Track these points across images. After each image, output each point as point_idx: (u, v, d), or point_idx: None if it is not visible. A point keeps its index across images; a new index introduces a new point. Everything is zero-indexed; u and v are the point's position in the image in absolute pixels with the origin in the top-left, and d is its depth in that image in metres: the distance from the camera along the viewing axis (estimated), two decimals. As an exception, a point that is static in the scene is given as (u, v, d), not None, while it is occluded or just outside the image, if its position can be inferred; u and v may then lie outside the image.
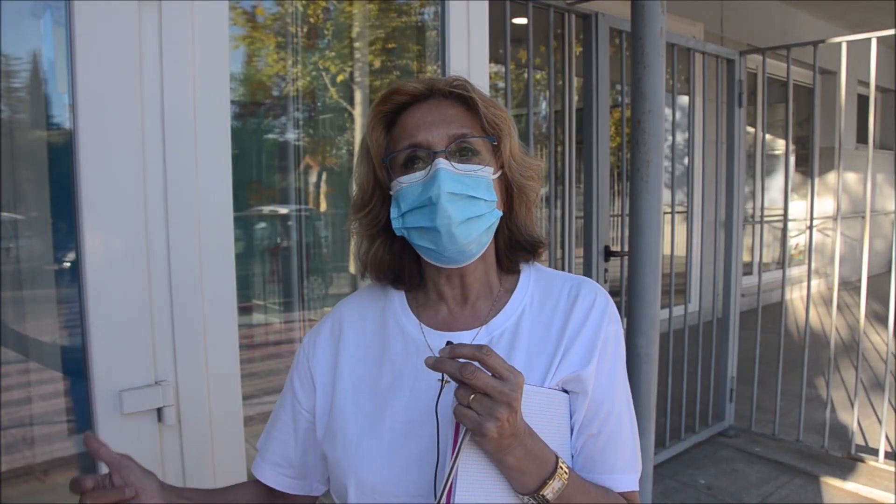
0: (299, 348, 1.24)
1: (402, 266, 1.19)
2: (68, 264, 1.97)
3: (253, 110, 3.57)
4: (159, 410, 1.68)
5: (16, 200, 2.01)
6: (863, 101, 9.73)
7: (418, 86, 1.11)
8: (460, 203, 1.02)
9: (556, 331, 1.10)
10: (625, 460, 1.10)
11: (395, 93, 1.11)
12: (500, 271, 1.19)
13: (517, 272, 1.20)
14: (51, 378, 2.06)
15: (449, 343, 0.89)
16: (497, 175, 1.09)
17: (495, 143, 1.09)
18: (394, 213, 1.09)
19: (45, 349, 2.03)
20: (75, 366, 1.93)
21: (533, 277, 1.19)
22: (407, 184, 1.06)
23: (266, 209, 3.48)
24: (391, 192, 1.10)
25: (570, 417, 1.07)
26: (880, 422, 3.90)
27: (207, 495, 1.17)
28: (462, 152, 1.06)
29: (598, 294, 1.14)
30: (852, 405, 4.04)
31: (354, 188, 1.17)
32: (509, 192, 1.14)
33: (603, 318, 1.11)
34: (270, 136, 3.61)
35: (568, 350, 1.08)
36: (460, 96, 1.10)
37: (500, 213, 1.10)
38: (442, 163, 1.02)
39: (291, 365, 1.24)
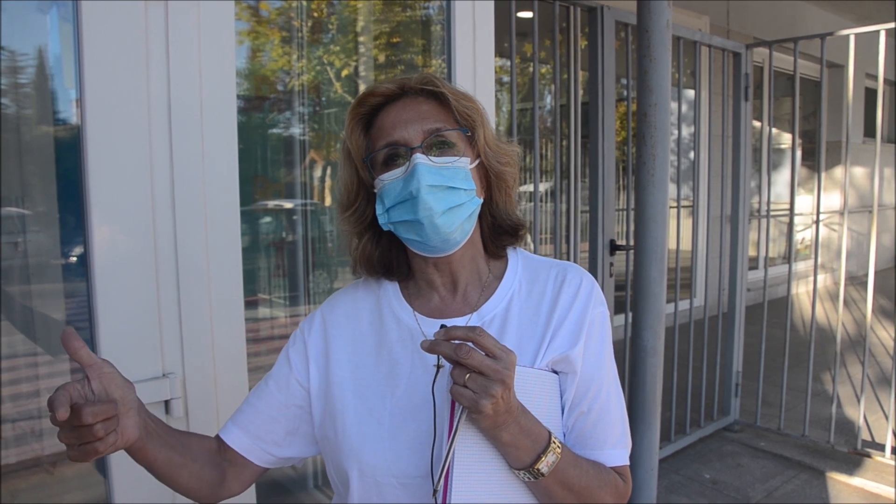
0: (296, 332, 1.27)
1: (391, 260, 1.23)
2: (75, 258, 1.98)
3: (257, 105, 3.57)
4: (167, 403, 1.69)
5: (23, 195, 2.02)
6: (870, 95, 9.68)
7: (391, 86, 1.15)
8: (440, 194, 1.07)
9: (544, 314, 1.15)
10: (615, 437, 1.15)
11: (369, 95, 1.16)
12: (488, 257, 1.24)
13: (504, 257, 1.25)
14: (59, 371, 2.07)
15: (443, 326, 0.93)
16: (474, 164, 1.14)
17: (469, 134, 1.13)
18: (379, 209, 1.13)
19: (52, 343, 2.04)
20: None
21: (521, 264, 1.23)
22: (388, 181, 1.10)
23: (271, 204, 3.48)
24: (375, 190, 1.14)
25: (561, 397, 1.12)
26: (887, 417, 3.90)
27: (167, 427, 1.12)
28: (438, 146, 1.10)
29: (583, 278, 1.19)
30: (858, 400, 4.03)
31: (340, 189, 1.21)
32: (488, 179, 1.18)
33: (589, 301, 1.16)
34: (275, 130, 3.61)
35: (556, 332, 1.12)
36: (432, 92, 1.14)
37: (480, 201, 1.15)
38: (419, 157, 1.07)
39: (284, 347, 1.26)
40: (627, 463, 1.16)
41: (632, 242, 2.91)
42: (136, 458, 1.04)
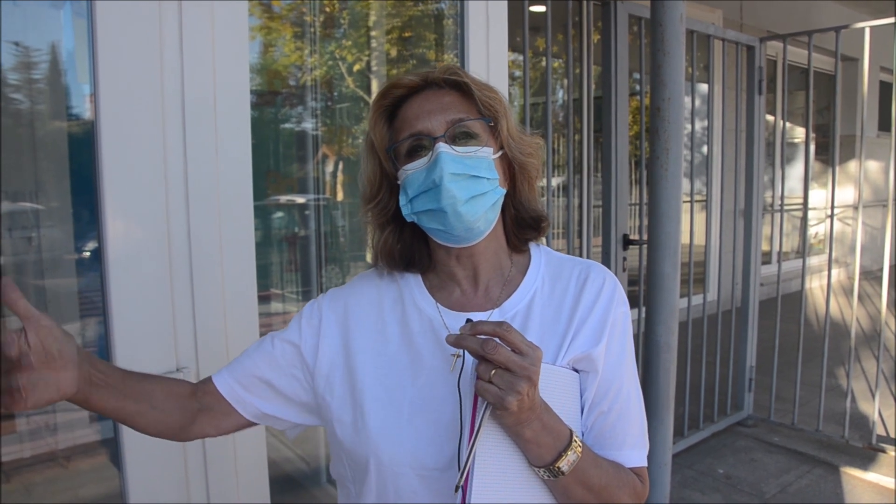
0: (314, 303, 1.26)
1: (413, 253, 1.23)
2: (88, 253, 1.99)
3: (270, 100, 3.57)
4: (180, 397, 1.70)
5: (37, 190, 2.02)
6: (885, 88, 9.60)
7: (414, 78, 1.15)
8: (463, 183, 1.07)
9: (566, 312, 1.14)
10: (634, 437, 1.14)
11: (393, 87, 1.16)
12: (510, 251, 1.24)
13: (526, 252, 1.25)
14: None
15: (469, 321, 0.93)
16: (498, 155, 1.14)
17: (492, 124, 1.14)
18: (402, 200, 1.13)
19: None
20: (97, 353, 1.94)
21: (544, 261, 1.23)
22: (412, 170, 1.10)
23: (283, 198, 3.49)
24: (398, 181, 1.14)
25: (581, 396, 1.12)
26: (901, 412, 3.88)
27: (124, 375, 1.11)
28: (461, 136, 1.10)
29: (606, 277, 1.19)
30: (873, 395, 4.01)
31: (363, 182, 1.21)
32: (511, 170, 1.18)
33: (612, 301, 1.16)
34: (287, 125, 3.61)
35: (578, 330, 1.12)
36: (455, 84, 1.14)
37: (504, 191, 1.15)
38: (442, 146, 1.07)
39: (298, 314, 1.26)
40: (645, 464, 1.16)
41: (645, 237, 2.90)
42: (81, 406, 1.04)
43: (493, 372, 0.90)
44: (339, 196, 3.56)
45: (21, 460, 2.02)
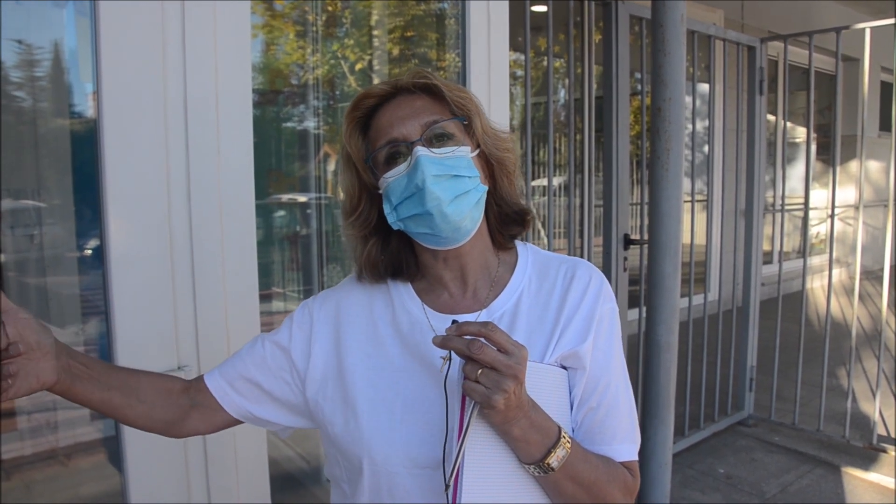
0: (304, 307, 1.27)
1: (400, 261, 1.23)
2: (90, 251, 1.99)
3: (272, 98, 3.57)
4: (182, 396, 1.70)
5: (39, 188, 2.03)
6: (886, 89, 9.59)
7: (384, 87, 1.16)
8: (445, 183, 1.07)
9: (553, 310, 1.15)
10: (624, 431, 1.15)
11: (364, 97, 1.16)
12: (496, 249, 1.24)
13: (512, 249, 1.25)
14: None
15: (454, 322, 0.94)
16: (475, 153, 1.14)
17: (466, 123, 1.14)
18: (387, 209, 1.13)
19: (68, 335, 2.05)
20: (99, 351, 1.95)
21: (531, 260, 1.24)
22: (393, 178, 1.10)
23: (285, 197, 3.49)
24: (380, 191, 1.15)
25: (570, 392, 1.12)
26: (902, 412, 3.87)
27: (108, 368, 1.14)
28: (437, 137, 1.11)
29: (593, 274, 1.20)
30: (874, 395, 4.01)
31: (343, 195, 1.22)
32: (490, 167, 1.19)
33: (598, 297, 1.17)
34: (289, 124, 3.61)
35: (566, 328, 1.13)
36: (425, 87, 1.14)
37: (486, 188, 1.15)
38: (420, 150, 1.07)
39: (289, 317, 1.26)
40: (636, 458, 1.17)
41: (646, 237, 2.90)
42: (66, 398, 1.06)
43: (480, 371, 0.91)
44: (341, 195, 3.56)
45: (21, 458, 2.02)
